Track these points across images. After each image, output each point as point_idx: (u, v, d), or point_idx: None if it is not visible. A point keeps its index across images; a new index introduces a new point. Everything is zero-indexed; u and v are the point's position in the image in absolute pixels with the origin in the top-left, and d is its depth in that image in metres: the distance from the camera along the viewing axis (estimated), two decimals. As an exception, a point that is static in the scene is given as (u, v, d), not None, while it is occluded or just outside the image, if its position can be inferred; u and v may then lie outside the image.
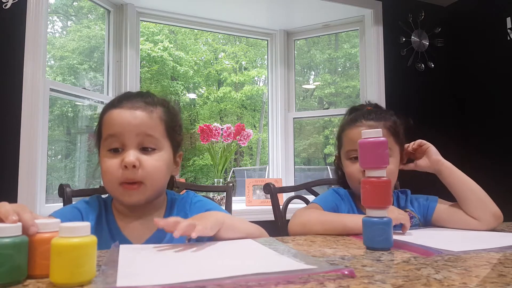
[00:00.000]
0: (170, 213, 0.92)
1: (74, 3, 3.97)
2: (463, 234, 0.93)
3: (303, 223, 0.98)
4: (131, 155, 0.82)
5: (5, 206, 0.56)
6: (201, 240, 0.91)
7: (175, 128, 0.93)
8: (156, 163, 0.85)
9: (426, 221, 1.10)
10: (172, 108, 0.94)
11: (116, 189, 0.84)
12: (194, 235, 0.69)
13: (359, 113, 1.12)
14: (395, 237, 0.77)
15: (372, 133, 0.78)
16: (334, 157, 1.24)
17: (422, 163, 1.10)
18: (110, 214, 0.90)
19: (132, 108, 0.86)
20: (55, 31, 5.58)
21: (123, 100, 0.88)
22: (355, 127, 1.08)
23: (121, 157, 0.83)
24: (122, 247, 0.67)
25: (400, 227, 0.92)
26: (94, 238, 0.50)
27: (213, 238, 0.84)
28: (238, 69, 10.57)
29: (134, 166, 0.82)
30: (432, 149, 1.09)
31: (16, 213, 0.54)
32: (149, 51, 9.11)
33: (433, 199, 1.11)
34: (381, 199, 0.75)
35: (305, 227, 0.96)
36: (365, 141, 0.78)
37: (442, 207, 1.08)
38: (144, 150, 0.85)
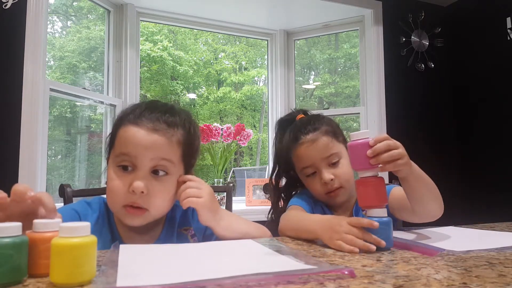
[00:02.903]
0: (172, 218, 0.92)
1: (74, 3, 3.97)
2: (463, 233, 0.93)
3: (280, 230, 0.97)
4: (140, 182, 0.78)
5: (23, 184, 0.58)
6: (203, 240, 0.91)
7: (192, 153, 0.89)
8: (164, 191, 0.82)
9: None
10: (193, 131, 0.89)
11: (119, 210, 0.82)
12: (183, 197, 0.81)
13: (296, 130, 1.10)
14: (395, 237, 0.77)
15: (359, 135, 0.78)
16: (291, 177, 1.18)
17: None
18: (112, 221, 0.88)
19: (151, 131, 0.80)
20: (55, 31, 5.58)
21: (142, 117, 0.82)
22: (299, 145, 1.07)
23: (130, 180, 0.79)
24: (122, 247, 0.67)
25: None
26: (94, 238, 0.50)
27: (215, 238, 0.85)
28: (238, 69, 10.55)
29: (142, 192, 0.79)
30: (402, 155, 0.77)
31: (39, 196, 0.58)
32: (148, 51, 9.09)
33: (388, 186, 0.95)
34: (377, 198, 0.76)
35: (283, 234, 0.96)
36: (353, 143, 0.78)
37: (398, 192, 0.96)
38: (155, 173, 0.81)
